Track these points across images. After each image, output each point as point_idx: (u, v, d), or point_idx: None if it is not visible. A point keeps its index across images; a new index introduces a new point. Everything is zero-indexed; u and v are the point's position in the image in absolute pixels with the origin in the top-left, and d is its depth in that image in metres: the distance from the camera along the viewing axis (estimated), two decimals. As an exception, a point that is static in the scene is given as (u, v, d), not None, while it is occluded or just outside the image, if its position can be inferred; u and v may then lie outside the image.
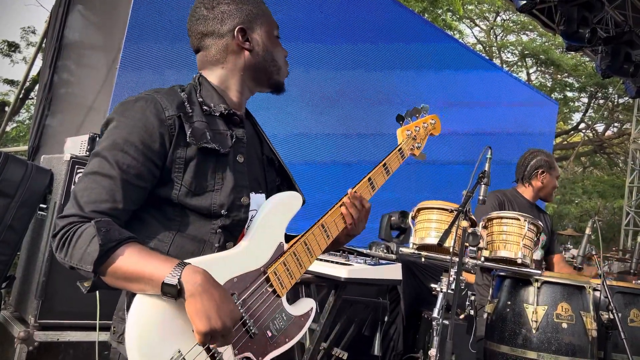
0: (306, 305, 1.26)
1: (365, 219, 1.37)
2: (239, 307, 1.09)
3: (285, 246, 1.22)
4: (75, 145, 2.56)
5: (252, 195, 1.22)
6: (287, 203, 1.26)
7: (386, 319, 3.29)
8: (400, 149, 1.52)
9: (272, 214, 1.21)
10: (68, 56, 4.35)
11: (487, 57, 12.79)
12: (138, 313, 0.99)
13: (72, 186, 2.32)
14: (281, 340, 1.18)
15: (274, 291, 1.17)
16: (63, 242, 1.02)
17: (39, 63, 5.95)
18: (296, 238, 1.24)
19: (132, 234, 1.06)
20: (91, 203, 1.04)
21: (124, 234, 1.03)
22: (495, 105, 6.36)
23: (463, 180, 2.22)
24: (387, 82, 5.22)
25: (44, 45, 4.93)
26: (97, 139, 2.45)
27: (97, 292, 2.16)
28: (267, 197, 1.27)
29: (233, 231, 1.17)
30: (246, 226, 1.20)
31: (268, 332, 1.15)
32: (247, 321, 1.11)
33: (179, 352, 1.00)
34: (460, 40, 10.50)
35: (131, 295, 1.04)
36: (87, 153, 2.41)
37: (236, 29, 1.23)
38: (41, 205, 2.40)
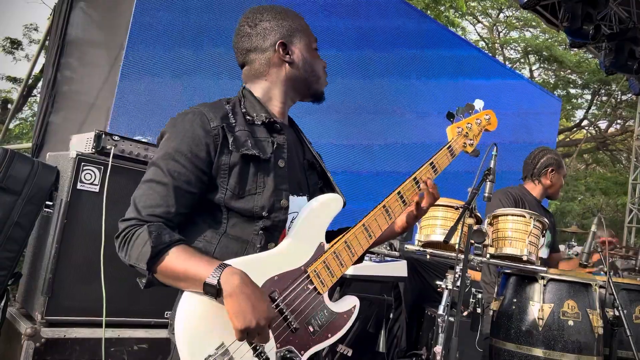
0: (349, 302, 1.32)
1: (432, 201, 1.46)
2: (280, 303, 1.17)
3: (326, 246, 1.28)
4: (81, 143, 2.56)
5: (293, 197, 1.30)
6: (328, 205, 1.31)
7: (391, 316, 3.29)
8: (450, 146, 1.54)
9: (313, 215, 1.27)
10: (71, 53, 4.36)
11: (490, 54, 12.75)
12: (186, 308, 1.09)
13: (78, 183, 2.32)
14: (324, 336, 1.24)
15: (315, 289, 1.24)
16: (123, 242, 1.14)
17: (41, 60, 5.96)
18: (338, 237, 1.30)
19: (182, 237, 1.16)
20: (148, 207, 1.16)
21: (174, 237, 1.13)
22: (498, 102, 6.34)
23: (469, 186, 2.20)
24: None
25: (47, 42, 4.93)
26: (102, 136, 2.45)
27: (104, 288, 2.17)
28: (309, 199, 1.33)
29: (274, 232, 1.25)
30: (287, 227, 1.27)
31: (310, 327, 1.22)
32: (289, 316, 1.18)
33: (223, 343, 1.08)
34: (462, 37, 10.46)
35: (183, 292, 1.13)
36: (93, 150, 2.41)
37: (277, 44, 1.34)
38: (47, 202, 2.40)
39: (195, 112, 1.24)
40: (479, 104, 1.62)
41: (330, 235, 1.32)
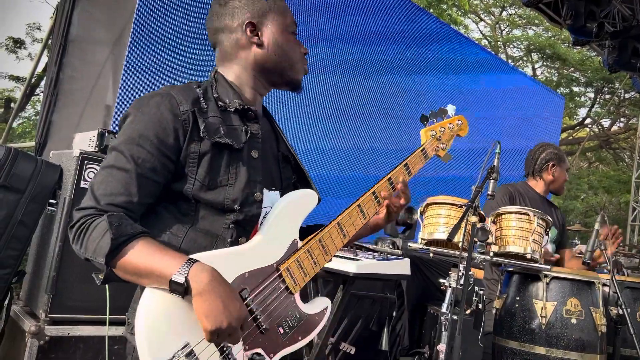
0: (321, 304, 1.26)
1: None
2: (251, 302, 1.09)
3: (300, 243, 1.22)
4: (84, 141, 2.57)
5: (266, 192, 1.22)
6: (302, 201, 1.25)
7: (394, 314, 3.30)
8: (424, 149, 1.51)
9: (286, 211, 1.21)
10: (73, 52, 4.36)
11: (493, 52, 12.72)
12: (147, 305, 1.00)
13: (82, 182, 2.32)
14: (294, 338, 1.17)
15: (287, 288, 1.17)
16: (79, 234, 1.04)
17: (43, 59, 5.97)
18: (311, 236, 1.24)
19: (145, 229, 1.05)
20: (107, 196, 1.05)
21: (137, 229, 1.03)
22: (500, 100, 6.32)
23: (470, 186, 2.19)
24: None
25: (49, 41, 4.94)
26: (105, 135, 2.45)
27: (107, 286, 2.17)
28: (282, 195, 1.27)
29: (246, 226, 1.16)
30: (260, 222, 1.19)
31: (280, 328, 1.15)
32: (259, 316, 1.10)
33: (188, 344, 1.00)
34: (465, 34, 10.43)
35: (144, 288, 1.04)
36: (96, 149, 2.42)
37: (245, 23, 1.24)
38: (51, 200, 2.41)
39: (163, 94, 1.14)
40: (451, 109, 1.61)
41: (303, 232, 1.25)
